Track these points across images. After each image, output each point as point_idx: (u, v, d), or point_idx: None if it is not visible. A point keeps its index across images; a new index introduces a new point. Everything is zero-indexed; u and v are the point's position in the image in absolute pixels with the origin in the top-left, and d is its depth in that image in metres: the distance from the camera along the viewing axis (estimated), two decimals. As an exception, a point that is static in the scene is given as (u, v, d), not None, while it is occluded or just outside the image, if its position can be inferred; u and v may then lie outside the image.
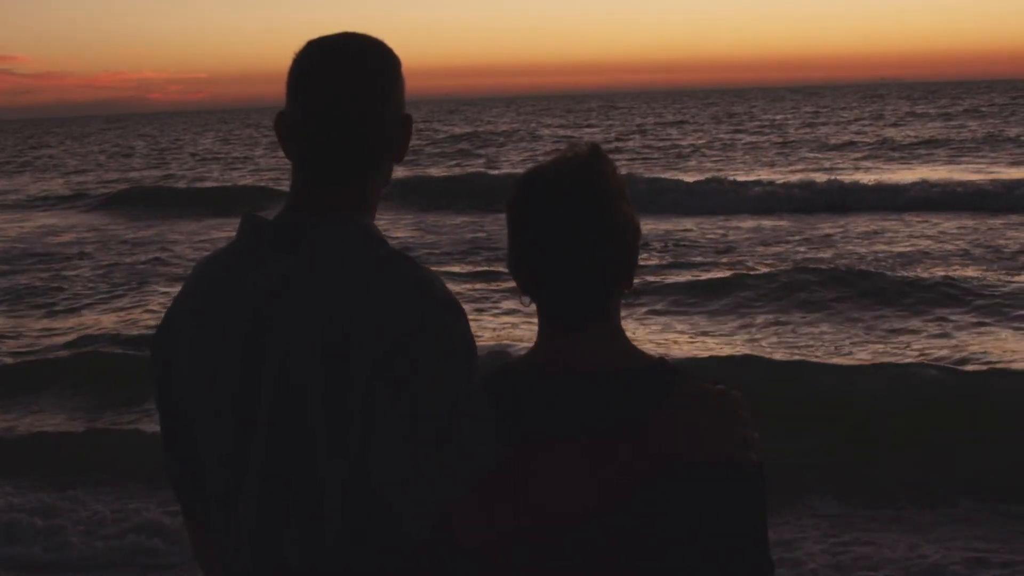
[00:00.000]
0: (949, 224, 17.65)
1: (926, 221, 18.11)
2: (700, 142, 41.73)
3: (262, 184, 30.21)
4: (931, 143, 35.67)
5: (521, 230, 1.71)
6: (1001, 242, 15.52)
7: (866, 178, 23.86)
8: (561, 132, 53.99)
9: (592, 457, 1.56)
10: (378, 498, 1.55)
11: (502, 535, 1.53)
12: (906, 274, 12.60)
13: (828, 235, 17.19)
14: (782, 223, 18.81)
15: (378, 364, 1.53)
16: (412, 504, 1.52)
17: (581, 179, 1.69)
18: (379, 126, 1.70)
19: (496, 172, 28.87)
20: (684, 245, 16.61)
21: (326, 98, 1.67)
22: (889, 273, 12.67)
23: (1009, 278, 12.41)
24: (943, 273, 12.61)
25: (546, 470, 1.55)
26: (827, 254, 15.11)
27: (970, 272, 12.87)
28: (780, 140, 40.54)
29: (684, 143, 41.44)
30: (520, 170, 2.53)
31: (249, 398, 1.63)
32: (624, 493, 1.57)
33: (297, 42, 1.75)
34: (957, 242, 15.77)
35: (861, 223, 18.25)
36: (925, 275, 12.44)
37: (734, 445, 1.59)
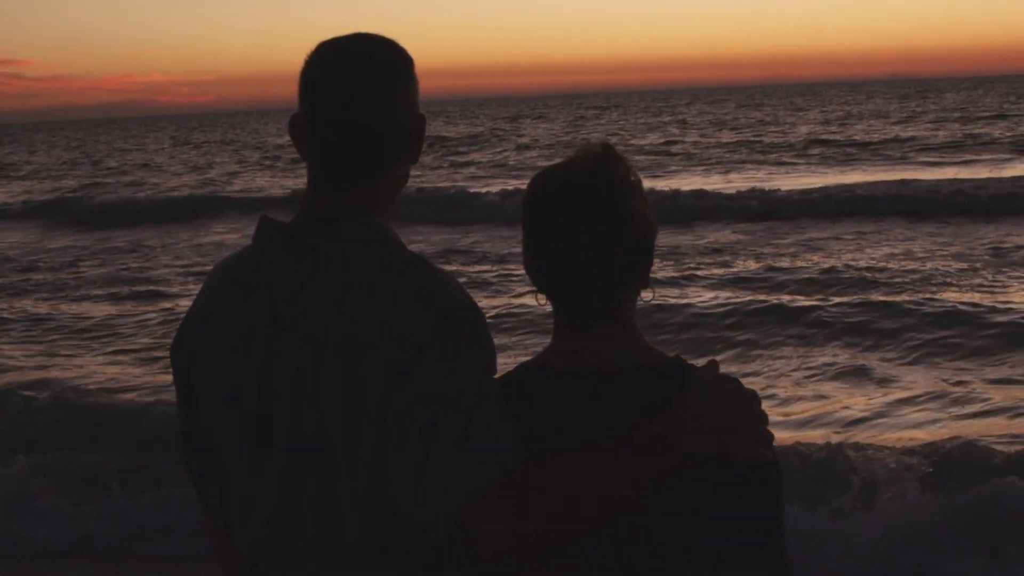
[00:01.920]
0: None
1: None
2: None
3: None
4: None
5: (535, 229, 1.71)
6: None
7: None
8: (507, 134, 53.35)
9: (609, 457, 1.55)
10: (394, 503, 1.55)
11: (520, 537, 1.53)
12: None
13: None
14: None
15: (395, 369, 1.53)
16: (429, 508, 1.52)
17: (594, 178, 1.69)
18: (392, 127, 1.69)
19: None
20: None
21: (338, 100, 1.66)
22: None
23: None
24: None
25: (563, 471, 1.55)
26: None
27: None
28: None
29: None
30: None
31: (268, 402, 1.63)
32: (641, 492, 1.57)
33: (305, 44, 1.74)
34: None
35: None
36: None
37: (750, 441, 1.59)
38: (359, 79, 1.66)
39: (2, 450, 6.96)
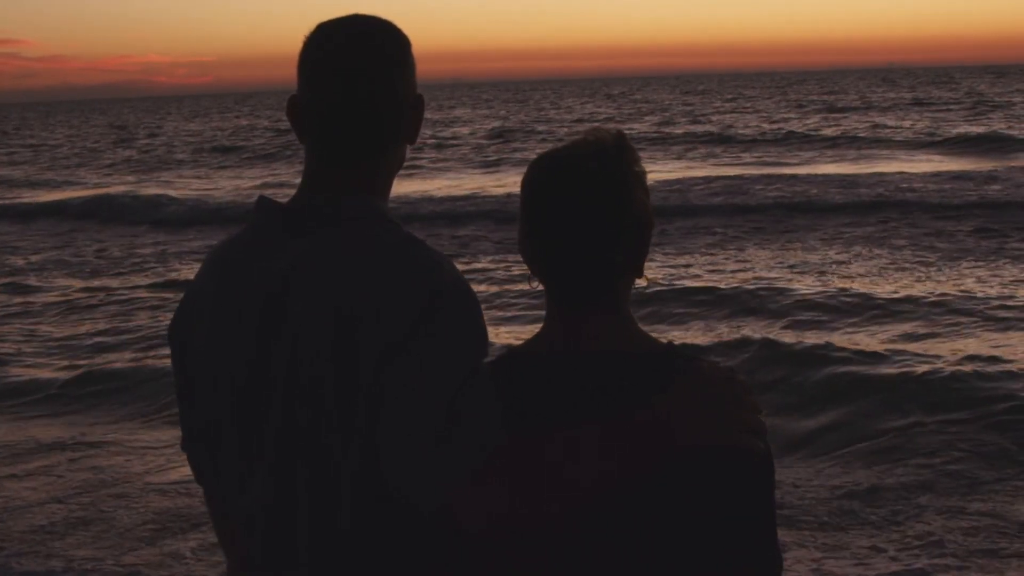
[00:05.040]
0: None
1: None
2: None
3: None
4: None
5: (535, 212, 1.70)
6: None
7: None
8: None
9: (597, 441, 1.56)
10: (386, 481, 1.55)
11: (506, 518, 1.53)
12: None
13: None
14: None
15: (387, 347, 1.54)
16: (418, 485, 1.53)
17: (600, 164, 1.67)
18: (391, 108, 1.69)
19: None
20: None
21: (338, 81, 1.66)
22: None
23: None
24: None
25: (551, 454, 1.55)
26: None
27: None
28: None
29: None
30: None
31: (262, 381, 1.63)
32: (628, 478, 1.57)
33: (304, 25, 1.74)
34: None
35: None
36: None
37: (739, 431, 1.59)
38: (362, 60, 1.66)
39: None
